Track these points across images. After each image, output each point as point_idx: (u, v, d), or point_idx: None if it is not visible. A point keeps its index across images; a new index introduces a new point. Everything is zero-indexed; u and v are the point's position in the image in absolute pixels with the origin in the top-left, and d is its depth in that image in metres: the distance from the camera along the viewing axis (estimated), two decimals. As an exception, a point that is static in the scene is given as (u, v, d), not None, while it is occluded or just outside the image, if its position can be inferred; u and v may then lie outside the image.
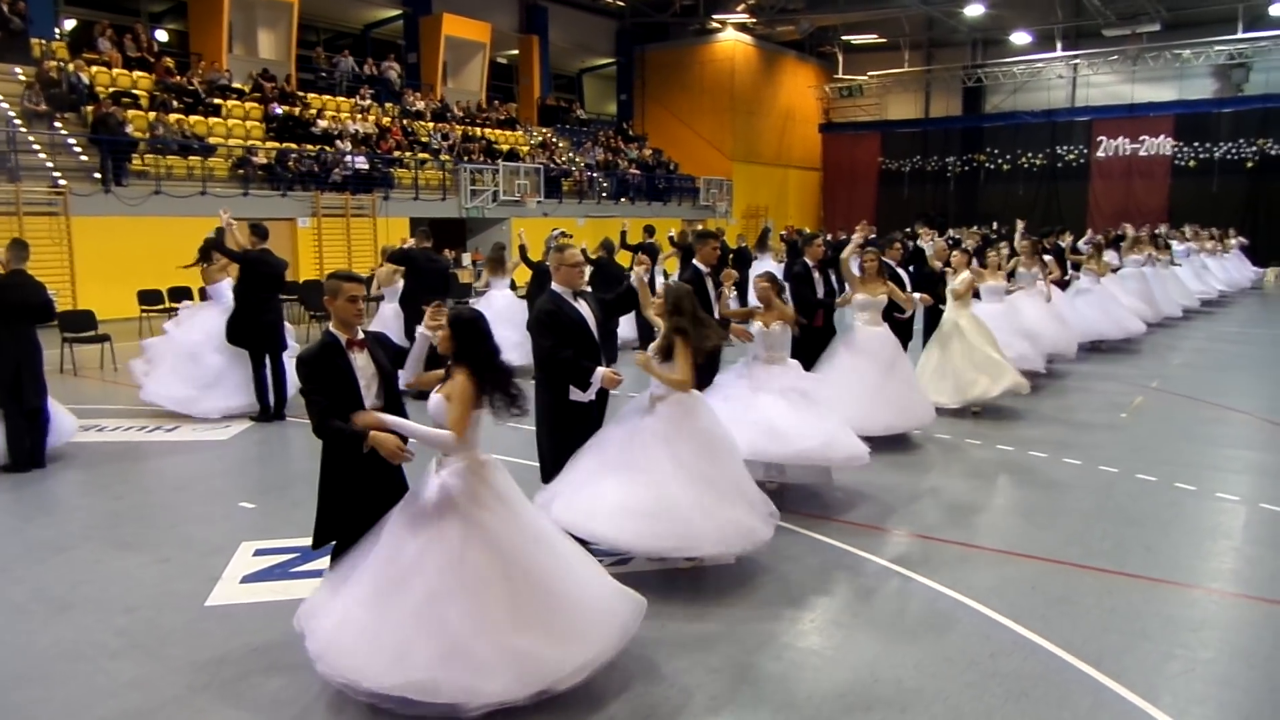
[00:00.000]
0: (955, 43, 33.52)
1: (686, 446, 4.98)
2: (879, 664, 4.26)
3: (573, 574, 3.94)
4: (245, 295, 9.07)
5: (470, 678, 3.53)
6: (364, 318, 4.26)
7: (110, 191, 16.36)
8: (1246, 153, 28.72)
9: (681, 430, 5.02)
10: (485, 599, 3.65)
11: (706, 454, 5.04)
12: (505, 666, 3.58)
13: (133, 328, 14.80)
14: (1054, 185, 31.86)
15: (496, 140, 25.65)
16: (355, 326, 4.18)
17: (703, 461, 4.99)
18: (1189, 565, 5.55)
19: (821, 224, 34.18)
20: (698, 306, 5.19)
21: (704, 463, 4.99)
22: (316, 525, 4.22)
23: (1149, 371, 12.00)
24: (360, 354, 4.13)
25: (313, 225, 19.56)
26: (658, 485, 4.88)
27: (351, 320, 4.16)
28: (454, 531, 3.73)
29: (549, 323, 5.20)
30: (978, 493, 6.99)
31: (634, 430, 5.08)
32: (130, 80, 18.97)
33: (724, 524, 4.90)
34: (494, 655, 3.57)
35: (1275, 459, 7.94)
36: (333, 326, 4.17)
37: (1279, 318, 18.68)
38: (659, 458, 4.93)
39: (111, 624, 4.65)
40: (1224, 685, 4.10)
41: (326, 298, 4.17)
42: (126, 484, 7.14)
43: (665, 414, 5.07)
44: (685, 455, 4.95)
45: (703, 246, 6.97)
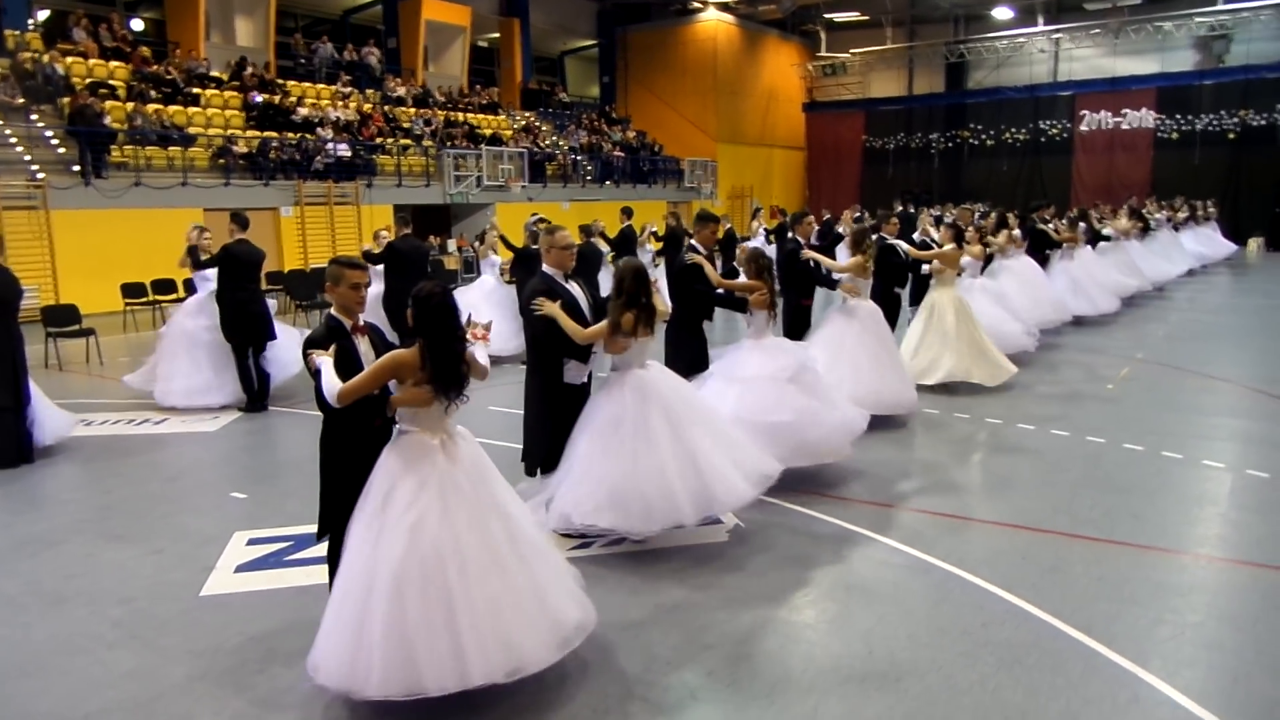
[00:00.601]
0: (937, 19, 33.46)
1: (659, 422, 5.09)
2: (873, 636, 4.30)
3: (510, 574, 3.75)
4: (226, 287, 9.04)
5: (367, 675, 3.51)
6: (365, 305, 4.23)
7: (90, 184, 16.18)
8: (1228, 124, 28.80)
9: (651, 406, 5.11)
10: (401, 597, 3.55)
11: (680, 424, 5.16)
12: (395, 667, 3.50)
13: (117, 321, 14.72)
14: (1037, 160, 31.90)
15: (479, 125, 25.50)
16: (357, 314, 4.17)
17: (677, 432, 5.12)
18: (1177, 532, 5.61)
19: (806, 203, 34.15)
20: (642, 288, 5.15)
21: (678, 433, 5.12)
22: (321, 515, 4.19)
23: (1134, 343, 12.08)
24: (363, 340, 4.15)
25: (296, 214, 19.42)
26: (648, 467, 4.99)
27: (353, 307, 4.15)
28: (381, 520, 3.68)
29: None
30: (967, 465, 7.05)
31: (611, 417, 5.12)
32: (107, 71, 18.76)
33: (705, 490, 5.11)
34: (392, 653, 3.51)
35: (1260, 426, 8.02)
36: (335, 312, 4.16)
37: (1260, 288, 18.80)
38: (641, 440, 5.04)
39: (107, 615, 4.65)
40: (1212, 648, 4.16)
41: (328, 284, 4.13)
42: (117, 477, 7.11)
43: (632, 394, 5.13)
44: (661, 431, 5.07)
45: (702, 229, 7.04)
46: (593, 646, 4.17)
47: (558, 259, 5.47)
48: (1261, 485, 6.37)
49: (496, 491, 3.93)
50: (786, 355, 6.40)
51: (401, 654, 3.50)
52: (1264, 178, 27.59)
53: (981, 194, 28.30)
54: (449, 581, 3.58)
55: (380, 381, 3.80)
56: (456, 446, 3.86)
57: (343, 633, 3.59)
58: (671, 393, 5.26)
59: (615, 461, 5.02)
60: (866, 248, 8.02)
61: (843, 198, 31.30)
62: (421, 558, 3.58)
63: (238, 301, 9.03)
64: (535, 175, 24.82)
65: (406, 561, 3.57)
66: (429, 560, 3.59)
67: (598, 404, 5.23)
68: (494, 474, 3.97)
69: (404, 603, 3.53)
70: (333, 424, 4.05)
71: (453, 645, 3.54)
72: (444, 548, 3.62)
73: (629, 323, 5.09)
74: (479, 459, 3.93)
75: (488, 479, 3.92)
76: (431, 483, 3.71)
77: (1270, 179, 27.38)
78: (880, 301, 9.16)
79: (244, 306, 9.04)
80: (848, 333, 7.93)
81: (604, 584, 4.83)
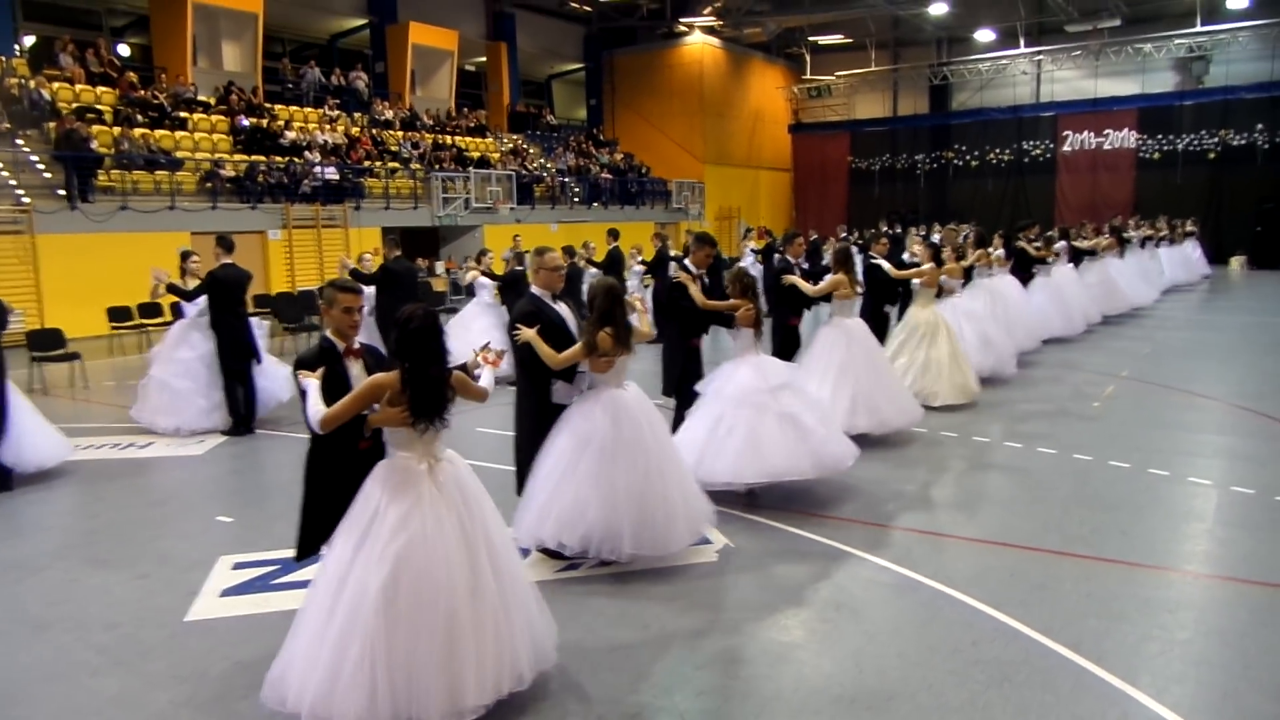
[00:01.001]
0: (921, 41, 33.84)
1: (628, 445, 5.11)
2: (863, 655, 4.30)
3: (487, 604, 3.68)
4: (218, 312, 9.05)
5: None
6: (359, 329, 4.22)
7: (76, 208, 16.16)
8: (1208, 144, 29.19)
9: (622, 428, 5.12)
10: (391, 624, 3.50)
11: (647, 451, 5.18)
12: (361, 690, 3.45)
13: (103, 345, 14.65)
14: (1021, 180, 32.23)
15: (467, 148, 25.59)
16: (350, 336, 4.16)
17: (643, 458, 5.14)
18: (1164, 548, 5.63)
19: (793, 224, 34.35)
20: (615, 305, 5.17)
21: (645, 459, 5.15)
22: (300, 536, 4.19)
23: (1119, 360, 12.16)
24: (355, 363, 4.12)
25: (284, 237, 19.42)
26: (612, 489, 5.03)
27: (346, 330, 4.14)
28: (366, 545, 3.63)
29: (530, 324, 5.20)
30: (955, 484, 7.06)
31: (582, 435, 5.12)
32: (94, 95, 18.76)
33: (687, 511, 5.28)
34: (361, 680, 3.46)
35: (1244, 443, 8.07)
36: (329, 333, 4.16)
37: (1243, 305, 18.97)
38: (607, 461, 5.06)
39: (91, 642, 4.60)
40: (1201, 664, 4.17)
41: (322, 306, 4.17)
42: (101, 502, 7.05)
43: (604, 413, 5.14)
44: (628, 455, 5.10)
45: (698, 250, 7.13)
46: (582, 667, 4.16)
47: (546, 280, 5.48)
48: (1247, 501, 6.40)
49: (485, 518, 3.87)
50: (772, 372, 6.43)
51: (391, 682, 3.45)
52: (1244, 197, 27.94)
53: (967, 214, 28.50)
54: (440, 609, 3.54)
55: (362, 406, 3.78)
56: (444, 471, 3.81)
57: (319, 659, 3.52)
58: (643, 417, 5.24)
59: (578, 482, 5.03)
60: (849, 267, 8.02)
61: (829, 218, 31.54)
62: (409, 584, 3.54)
63: (229, 326, 9.04)
64: (523, 197, 24.91)
65: (394, 588, 3.52)
66: (418, 587, 3.55)
67: (569, 420, 5.22)
68: (483, 500, 3.92)
69: (394, 630, 3.49)
70: (318, 445, 4.03)
71: (447, 674, 3.51)
72: (434, 575, 3.57)
73: (605, 341, 5.09)
74: (468, 484, 3.88)
75: (476, 505, 3.86)
76: (418, 508, 3.66)
77: (1251, 198, 27.72)
78: (870, 319, 9.22)
79: (231, 331, 9.03)
80: (835, 351, 7.95)
81: (592, 605, 4.82)
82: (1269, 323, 15.70)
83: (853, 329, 8.14)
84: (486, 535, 3.83)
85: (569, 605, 4.81)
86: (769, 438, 6.14)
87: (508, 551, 3.96)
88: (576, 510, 5.02)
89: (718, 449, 6.15)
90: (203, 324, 9.24)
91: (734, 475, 6.08)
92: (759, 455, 6.09)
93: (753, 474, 6.08)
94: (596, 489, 5.01)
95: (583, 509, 5.01)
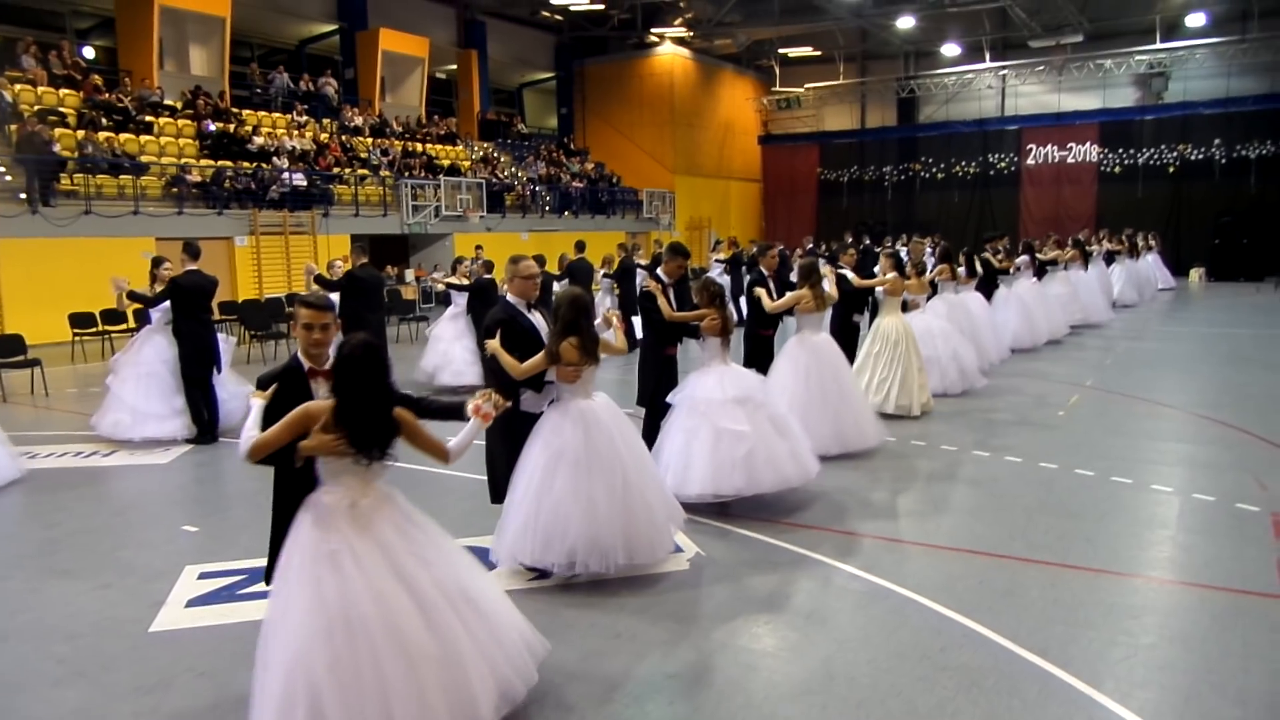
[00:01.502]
0: (888, 55, 34.21)
1: (600, 458, 5.05)
2: (833, 662, 4.32)
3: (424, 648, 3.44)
4: (180, 319, 8.98)
5: None
6: (327, 346, 3.94)
7: (37, 212, 15.90)
8: (1168, 158, 29.76)
9: (593, 441, 5.06)
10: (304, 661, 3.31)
11: (619, 461, 5.12)
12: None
13: (64, 352, 14.41)
14: (987, 192, 32.64)
15: (437, 155, 25.50)
16: (316, 356, 3.92)
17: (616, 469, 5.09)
18: (1128, 555, 5.71)
19: (763, 234, 34.55)
20: (579, 315, 5.07)
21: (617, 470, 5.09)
22: (269, 559, 4.01)
23: (1083, 371, 12.34)
24: (324, 385, 3.82)
25: (250, 244, 19.23)
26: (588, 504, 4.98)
27: (308, 349, 3.92)
28: (284, 591, 3.47)
29: (504, 332, 5.18)
30: (923, 493, 7.12)
31: (554, 451, 5.05)
32: (56, 98, 18.48)
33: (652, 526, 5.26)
34: None
35: (1204, 451, 8.22)
36: (299, 352, 3.97)
37: (1202, 316, 19.33)
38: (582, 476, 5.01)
39: (52, 652, 4.51)
40: (1164, 669, 4.23)
41: (292, 323, 4.03)
42: (62, 511, 6.92)
43: (574, 426, 5.07)
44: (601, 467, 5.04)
45: (670, 261, 7.23)
46: (555, 676, 4.14)
47: (520, 288, 5.47)
48: (1208, 508, 6.52)
49: (428, 550, 3.61)
50: (734, 383, 6.43)
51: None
52: (1203, 210, 28.52)
53: (934, 225, 28.86)
54: (378, 647, 3.34)
55: (292, 434, 3.53)
56: (373, 507, 3.55)
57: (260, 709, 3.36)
58: (614, 427, 5.19)
59: (556, 498, 4.97)
60: (814, 282, 7.94)
61: (799, 229, 31.76)
62: (322, 635, 3.33)
63: (193, 333, 8.95)
64: (494, 205, 24.84)
65: (305, 641, 3.32)
66: (349, 630, 3.33)
67: (540, 435, 5.13)
68: (422, 534, 3.65)
69: (334, 676, 3.29)
70: (281, 468, 3.81)
71: (417, 706, 3.35)
72: (363, 615, 3.35)
73: (569, 351, 5.02)
74: (402, 522, 3.62)
75: (413, 539, 3.60)
76: (331, 555, 3.42)
77: (1209, 211, 28.30)
78: (839, 329, 9.28)
79: (193, 338, 8.94)
80: (798, 370, 7.88)
81: (564, 615, 4.80)
82: (1227, 333, 16.02)
83: (818, 345, 8.07)
84: (432, 566, 3.58)
85: (541, 615, 4.79)
86: (725, 452, 6.14)
87: (469, 577, 3.74)
88: (557, 528, 4.95)
89: (686, 461, 6.17)
90: (168, 330, 9.13)
91: (700, 488, 6.08)
92: (717, 469, 6.11)
93: (708, 489, 6.10)
94: (576, 504, 4.96)
95: (564, 526, 4.95)
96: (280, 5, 24.98)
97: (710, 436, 6.21)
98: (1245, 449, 8.13)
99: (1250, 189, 28.39)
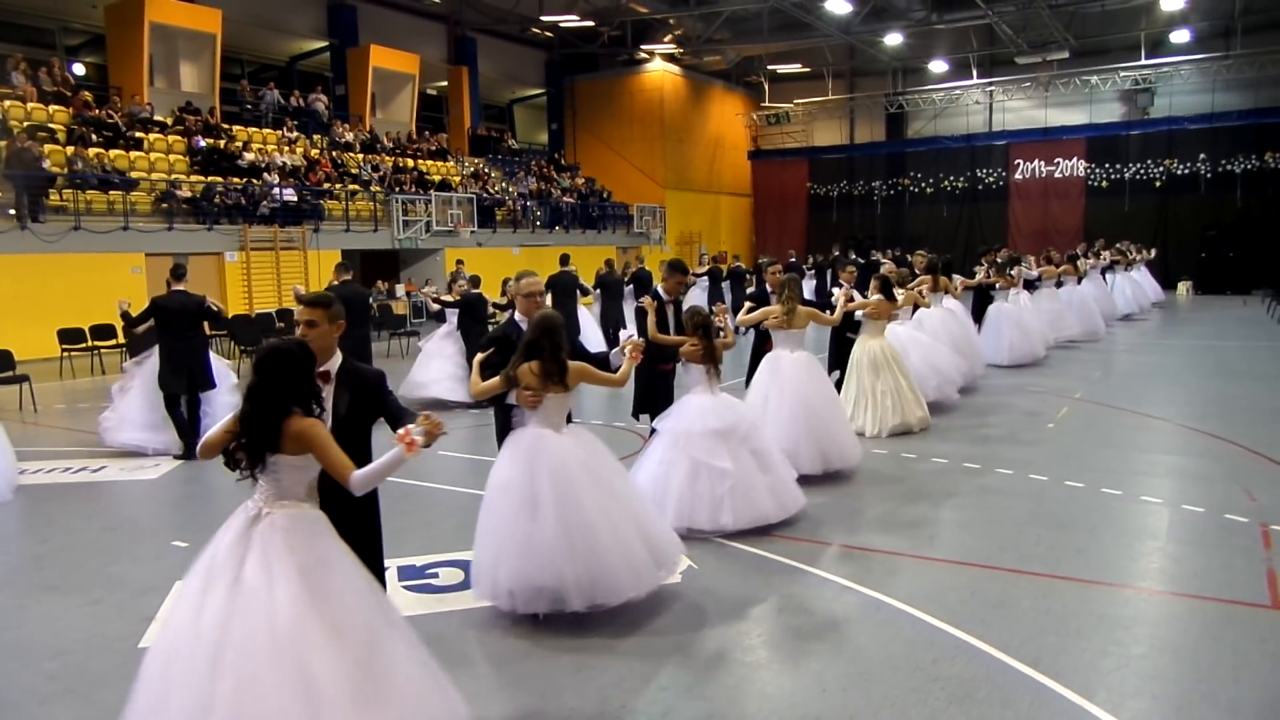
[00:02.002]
0: (876, 71, 34.47)
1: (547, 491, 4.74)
2: (826, 674, 4.32)
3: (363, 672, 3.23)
4: (160, 337, 9.11)
5: None
6: (333, 351, 3.81)
7: (26, 228, 15.86)
8: (1155, 173, 30.03)
9: (539, 472, 4.76)
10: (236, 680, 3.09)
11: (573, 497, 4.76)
12: None
13: (53, 368, 14.35)
14: (975, 207, 32.86)
15: (428, 171, 25.54)
16: (322, 356, 3.74)
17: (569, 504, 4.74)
18: (1119, 566, 5.73)
19: (754, 249, 34.69)
20: (542, 337, 4.77)
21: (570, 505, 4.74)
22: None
23: (1072, 383, 12.40)
24: (326, 387, 3.73)
25: (241, 259, 19.20)
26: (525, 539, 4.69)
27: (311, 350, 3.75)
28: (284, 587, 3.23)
29: (496, 349, 5.15)
30: (915, 505, 7.13)
31: (501, 482, 4.84)
32: (46, 114, 18.47)
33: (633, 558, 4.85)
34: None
35: (1193, 462, 8.26)
36: None
37: (1190, 329, 19.46)
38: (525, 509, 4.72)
39: (40, 669, 4.48)
40: (1155, 678, 4.24)
41: None
42: (51, 526, 6.88)
43: (524, 456, 4.81)
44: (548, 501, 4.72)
45: (669, 278, 7.24)
46: (546, 690, 4.14)
47: (522, 307, 5.43)
48: (1197, 519, 6.55)
49: (331, 575, 3.35)
50: (722, 412, 6.29)
51: None
52: (1190, 224, 28.76)
53: (923, 240, 28.97)
54: (264, 674, 3.10)
55: (230, 436, 3.48)
56: (267, 523, 3.39)
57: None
58: (574, 460, 4.82)
59: (492, 535, 4.77)
60: (787, 297, 7.75)
61: (789, 243, 31.90)
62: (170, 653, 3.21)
63: (171, 351, 9.03)
64: (485, 220, 24.88)
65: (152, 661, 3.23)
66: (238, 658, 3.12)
67: (497, 464, 4.93)
68: (323, 552, 3.39)
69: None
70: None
71: None
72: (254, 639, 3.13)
73: (526, 375, 4.75)
74: (299, 542, 3.35)
75: (318, 560, 3.36)
76: (203, 572, 3.31)
77: (1195, 225, 28.54)
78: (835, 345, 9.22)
79: (170, 355, 9.01)
80: (772, 387, 7.69)
81: (556, 626, 4.79)
82: (1214, 346, 16.12)
83: (787, 362, 7.79)
84: (335, 592, 3.30)
85: (528, 628, 4.79)
86: (703, 488, 6.05)
87: (375, 605, 3.45)
88: (491, 564, 4.75)
89: (662, 493, 6.05)
90: None
91: (676, 521, 5.89)
92: (694, 503, 6.03)
93: (682, 523, 5.96)
94: (512, 540, 4.68)
95: (495, 563, 4.73)
96: (271, 22, 25.04)
97: (688, 470, 6.10)
98: (1234, 460, 8.17)
99: (1236, 203, 28.67)
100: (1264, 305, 22.58)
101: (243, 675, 3.07)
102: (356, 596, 3.36)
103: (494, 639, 4.74)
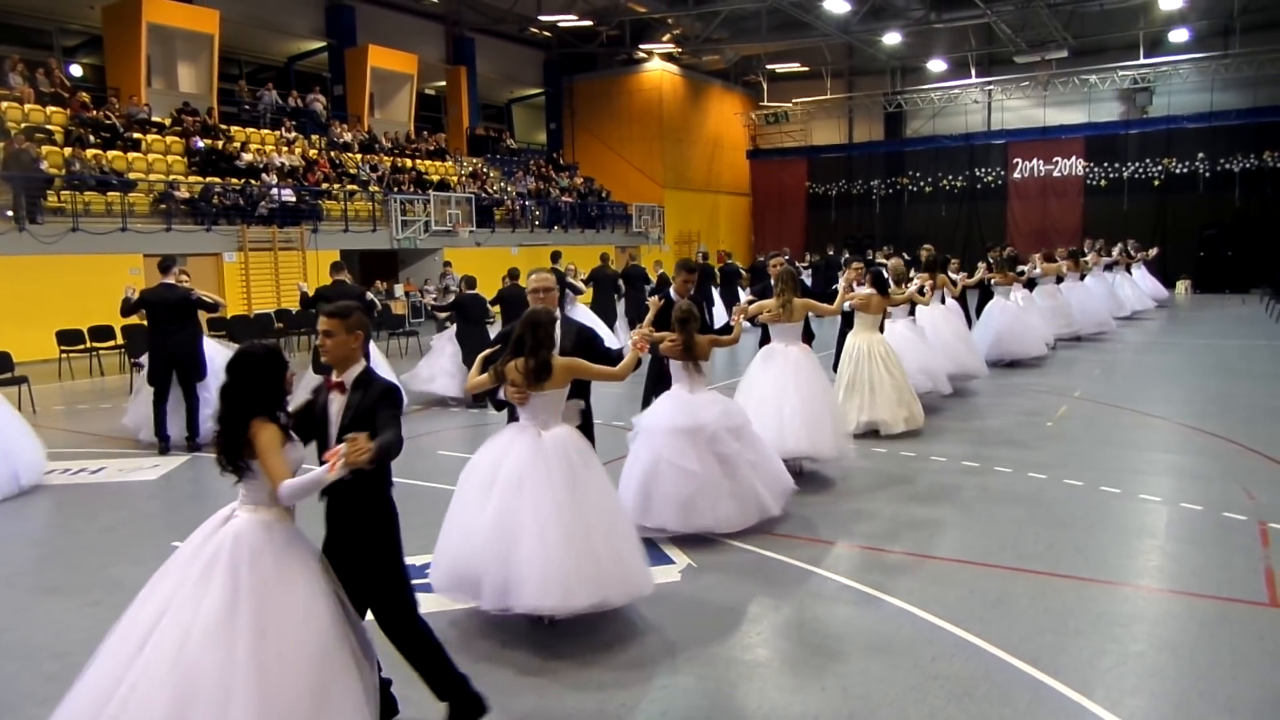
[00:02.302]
0: (875, 71, 34.47)
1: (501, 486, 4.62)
2: (825, 673, 4.32)
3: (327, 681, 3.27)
4: (150, 330, 9.39)
5: None
6: (353, 360, 3.69)
7: (24, 229, 15.85)
8: (1153, 172, 30.03)
9: (503, 468, 4.67)
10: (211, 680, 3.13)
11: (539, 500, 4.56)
12: None
13: (52, 369, 14.34)
14: (974, 206, 32.86)
15: (426, 171, 25.54)
16: (340, 366, 3.67)
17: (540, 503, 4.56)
18: (1117, 564, 5.74)
19: (752, 248, 34.71)
20: (528, 334, 4.61)
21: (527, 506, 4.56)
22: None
23: (1071, 381, 12.41)
24: (339, 396, 3.65)
25: (239, 259, 19.20)
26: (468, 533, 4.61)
27: (325, 355, 3.69)
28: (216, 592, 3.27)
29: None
30: (914, 503, 7.14)
31: (467, 469, 4.83)
32: (44, 115, 18.46)
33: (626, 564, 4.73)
34: None
35: (1191, 461, 8.27)
36: None
37: (1188, 328, 19.48)
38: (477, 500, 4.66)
39: (40, 670, 4.49)
40: (1154, 676, 4.25)
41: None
42: (51, 528, 6.89)
43: (491, 448, 4.80)
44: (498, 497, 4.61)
45: (678, 276, 7.23)
46: (548, 688, 4.14)
47: (533, 303, 5.43)
48: (1195, 518, 6.56)
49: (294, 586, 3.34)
50: (694, 411, 6.15)
51: None
52: (1188, 223, 28.76)
53: (922, 239, 28.90)
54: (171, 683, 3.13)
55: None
56: (217, 533, 3.43)
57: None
58: (538, 463, 4.60)
59: (451, 519, 4.73)
60: (781, 290, 7.68)
61: (788, 242, 31.89)
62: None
63: (152, 342, 9.31)
64: (483, 220, 24.88)
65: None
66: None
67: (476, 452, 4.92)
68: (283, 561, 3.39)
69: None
70: None
71: None
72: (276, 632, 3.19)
73: (511, 372, 4.66)
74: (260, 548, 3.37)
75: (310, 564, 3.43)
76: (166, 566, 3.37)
77: (1194, 224, 28.54)
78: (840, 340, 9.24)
79: (155, 348, 9.26)
80: (761, 380, 7.69)
81: (556, 626, 4.79)
82: (1212, 345, 16.14)
83: (788, 355, 7.75)
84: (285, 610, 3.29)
85: (529, 627, 4.79)
86: (666, 487, 5.93)
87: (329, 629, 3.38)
88: (440, 547, 4.71)
89: (636, 489, 5.98)
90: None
91: (639, 519, 5.77)
92: (659, 502, 5.94)
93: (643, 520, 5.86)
94: (456, 527, 4.65)
95: (441, 552, 4.70)
96: (269, 22, 25.04)
97: (650, 466, 5.98)
98: (1232, 459, 8.19)
99: (1234, 202, 28.67)
100: (1262, 304, 22.60)
101: (149, 673, 3.14)
102: (309, 617, 3.32)
103: (494, 639, 4.75)
